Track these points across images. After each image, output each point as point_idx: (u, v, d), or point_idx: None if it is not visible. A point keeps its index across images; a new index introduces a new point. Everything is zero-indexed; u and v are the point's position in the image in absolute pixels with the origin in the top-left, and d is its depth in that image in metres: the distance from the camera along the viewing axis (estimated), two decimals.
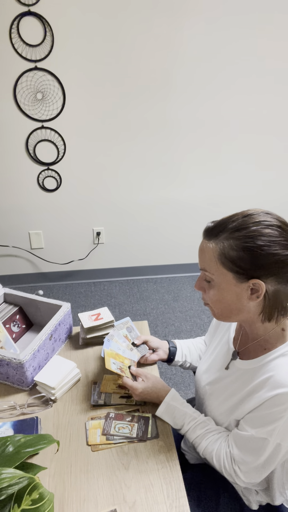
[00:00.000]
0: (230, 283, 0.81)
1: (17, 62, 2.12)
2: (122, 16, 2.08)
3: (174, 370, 2.13)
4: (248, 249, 0.77)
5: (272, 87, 2.34)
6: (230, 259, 0.79)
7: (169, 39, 2.16)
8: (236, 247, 0.78)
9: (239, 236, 0.78)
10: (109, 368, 1.02)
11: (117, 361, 1.07)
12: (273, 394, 0.79)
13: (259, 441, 0.82)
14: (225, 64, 2.24)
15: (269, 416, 0.80)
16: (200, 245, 0.86)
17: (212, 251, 0.82)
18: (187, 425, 0.96)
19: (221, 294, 0.84)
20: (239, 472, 0.87)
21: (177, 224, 2.76)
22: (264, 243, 0.76)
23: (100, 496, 0.85)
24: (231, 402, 0.91)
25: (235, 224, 0.80)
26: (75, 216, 2.62)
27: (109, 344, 1.11)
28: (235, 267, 0.79)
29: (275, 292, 0.80)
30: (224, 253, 0.80)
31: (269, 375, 0.82)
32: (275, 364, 0.83)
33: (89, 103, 2.28)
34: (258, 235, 0.77)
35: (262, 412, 0.81)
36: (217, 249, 0.81)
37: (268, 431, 0.80)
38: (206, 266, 0.84)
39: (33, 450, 0.75)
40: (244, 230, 0.78)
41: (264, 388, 0.82)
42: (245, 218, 0.80)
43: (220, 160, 2.55)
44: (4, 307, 1.30)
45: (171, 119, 2.38)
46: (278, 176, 2.65)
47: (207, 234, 0.84)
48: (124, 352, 1.13)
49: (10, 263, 2.73)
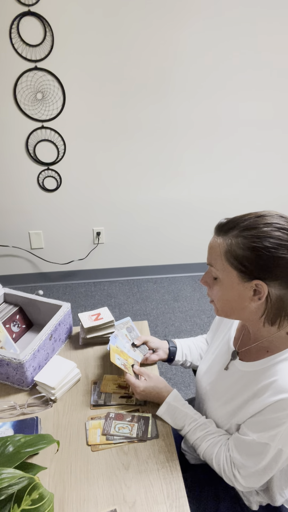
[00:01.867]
0: (233, 281, 0.81)
1: (17, 62, 2.12)
2: (122, 16, 2.08)
3: (174, 370, 2.12)
4: (255, 249, 0.77)
5: (270, 82, 2.33)
6: (235, 257, 0.79)
7: (168, 38, 2.16)
8: (243, 246, 0.78)
9: (248, 235, 0.78)
10: (113, 362, 1.02)
11: (122, 358, 1.08)
12: (276, 399, 0.78)
13: (260, 446, 0.81)
14: (223, 61, 2.24)
15: (272, 421, 0.79)
16: (210, 240, 0.86)
17: (219, 247, 0.82)
18: (188, 427, 0.96)
19: (224, 291, 0.84)
20: (239, 476, 0.86)
21: (177, 224, 2.76)
22: (272, 245, 0.76)
23: (100, 496, 0.85)
24: (233, 405, 0.90)
25: (246, 223, 0.80)
26: (75, 216, 2.62)
27: (115, 341, 1.12)
28: (240, 266, 0.79)
29: (279, 297, 0.79)
30: (231, 251, 0.80)
31: (272, 380, 0.81)
32: (278, 369, 0.82)
33: (89, 103, 2.28)
34: (267, 236, 0.76)
35: (265, 416, 0.80)
36: (224, 245, 0.81)
37: (270, 436, 0.80)
38: (213, 261, 0.84)
39: (33, 450, 0.75)
40: (254, 230, 0.78)
41: (267, 392, 0.81)
42: (257, 218, 0.80)
43: (220, 159, 2.54)
44: (4, 307, 1.30)
45: (171, 119, 2.38)
46: (279, 174, 2.65)
47: (217, 230, 0.84)
48: (128, 351, 1.13)
49: (10, 263, 2.73)
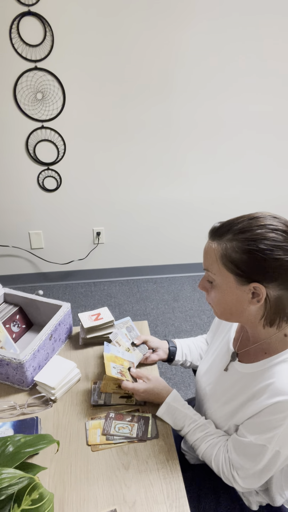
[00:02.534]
0: (231, 285, 0.81)
1: (17, 62, 2.12)
2: (122, 16, 2.08)
3: (174, 370, 2.12)
4: (250, 251, 0.76)
5: (273, 86, 2.33)
6: (231, 261, 0.79)
7: (169, 39, 2.16)
8: (238, 249, 0.78)
9: (242, 238, 0.77)
10: (109, 374, 1.01)
11: (117, 364, 1.07)
12: (273, 402, 0.78)
13: (258, 447, 0.81)
14: (226, 63, 2.24)
15: (269, 423, 0.79)
16: (205, 245, 0.86)
17: (214, 251, 0.81)
18: (187, 427, 0.96)
19: (222, 295, 0.83)
20: (237, 478, 0.87)
21: (177, 224, 2.76)
22: (267, 247, 0.75)
23: (100, 496, 0.85)
24: (231, 406, 0.90)
25: (240, 226, 0.79)
26: (75, 216, 2.62)
27: (109, 349, 1.11)
28: (236, 270, 0.79)
29: (277, 298, 0.79)
30: (226, 255, 0.79)
31: (269, 382, 0.81)
32: (276, 371, 0.82)
33: (89, 103, 2.28)
34: (262, 239, 0.76)
35: (262, 419, 0.81)
36: (219, 250, 0.80)
37: (267, 438, 0.80)
38: (209, 266, 0.84)
39: (33, 450, 0.75)
40: (248, 233, 0.77)
41: (264, 394, 0.81)
42: (251, 220, 0.79)
43: (220, 159, 2.54)
44: (4, 307, 1.30)
45: (171, 119, 2.38)
46: (280, 175, 2.65)
47: (211, 235, 0.83)
48: (123, 355, 1.13)
49: (10, 263, 2.73)
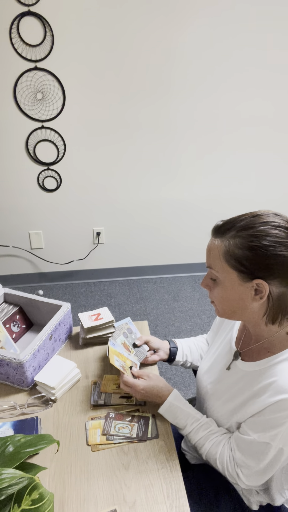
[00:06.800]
0: (234, 282, 0.82)
1: (17, 62, 2.12)
2: (123, 15, 2.08)
3: (174, 370, 2.12)
4: (253, 248, 0.77)
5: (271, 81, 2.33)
6: (234, 257, 0.79)
7: (168, 37, 2.15)
8: (241, 246, 0.78)
9: (245, 235, 0.78)
10: (112, 363, 1.02)
11: (120, 359, 1.08)
12: (276, 400, 0.78)
13: (261, 445, 0.82)
14: (223, 59, 2.24)
15: (272, 421, 0.80)
16: (208, 243, 0.86)
17: (218, 248, 0.82)
18: (190, 426, 0.96)
19: (225, 292, 0.84)
20: (241, 475, 0.87)
21: (178, 224, 2.76)
22: (270, 244, 0.76)
23: (100, 496, 0.85)
24: (233, 404, 0.90)
25: (242, 223, 0.80)
26: (75, 216, 2.62)
27: (114, 345, 1.11)
28: (239, 266, 0.79)
29: (280, 295, 0.80)
30: (229, 251, 0.80)
31: (272, 380, 0.81)
32: (279, 369, 0.82)
33: (89, 103, 2.27)
34: (264, 235, 0.77)
35: (265, 417, 0.81)
36: (222, 246, 0.81)
37: (271, 436, 0.80)
38: (212, 263, 0.84)
39: (33, 450, 0.75)
40: (251, 230, 0.78)
41: (267, 392, 0.81)
42: (253, 218, 0.80)
43: (220, 158, 2.54)
44: (4, 307, 1.30)
45: (171, 118, 2.38)
46: (279, 174, 2.65)
47: (215, 232, 0.84)
48: (128, 355, 1.13)
49: (10, 263, 2.73)
